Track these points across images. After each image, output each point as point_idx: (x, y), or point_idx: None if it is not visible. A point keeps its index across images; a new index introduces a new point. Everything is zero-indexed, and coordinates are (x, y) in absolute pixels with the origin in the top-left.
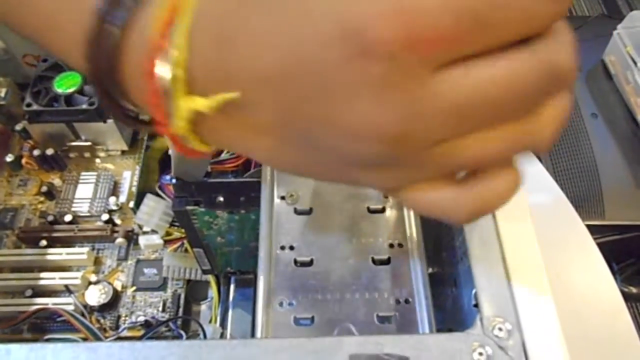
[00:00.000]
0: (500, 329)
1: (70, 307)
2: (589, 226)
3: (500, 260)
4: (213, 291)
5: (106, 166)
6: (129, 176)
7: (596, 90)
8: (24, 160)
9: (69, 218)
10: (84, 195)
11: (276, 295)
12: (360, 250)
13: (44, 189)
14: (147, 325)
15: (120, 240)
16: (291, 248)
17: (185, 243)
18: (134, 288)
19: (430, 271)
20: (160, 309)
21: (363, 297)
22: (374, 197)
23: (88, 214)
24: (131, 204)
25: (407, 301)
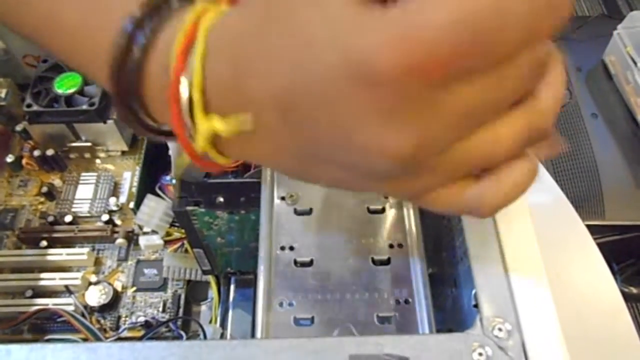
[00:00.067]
0: (500, 329)
1: (71, 308)
2: (589, 226)
3: (500, 260)
4: (213, 291)
5: (106, 167)
6: (129, 177)
7: (596, 90)
8: (24, 161)
9: (69, 219)
10: (84, 195)
11: (276, 296)
12: (360, 250)
13: (44, 190)
14: (147, 325)
15: (120, 241)
16: (291, 248)
17: (186, 243)
18: (134, 288)
19: (430, 271)
20: (161, 309)
21: (363, 297)
22: (373, 198)
23: (88, 214)
24: (131, 204)
25: (407, 301)
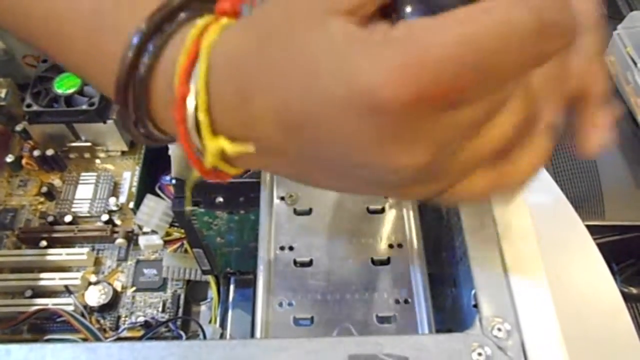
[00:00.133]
0: (500, 329)
1: (70, 308)
2: (589, 226)
3: (500, 260)
4: (213, 291)
5: (106, 167)
6: (128, 177)
7: None
8: (24, 161)
9: (69, 218)
10: (84, 195)
11: (276, 296)
12: (359, 250)
13: (44, 190)
14: (146, 325)
15: (120, 241)
16: (291, 248)
17: (185, 243)
18: (134, 288)
19: (430, 271)
20: (160, 309)
21: (362, 297)
22: (373, 198)
23: (88, 214)
24: (131, 204)
25: (407, 301)
